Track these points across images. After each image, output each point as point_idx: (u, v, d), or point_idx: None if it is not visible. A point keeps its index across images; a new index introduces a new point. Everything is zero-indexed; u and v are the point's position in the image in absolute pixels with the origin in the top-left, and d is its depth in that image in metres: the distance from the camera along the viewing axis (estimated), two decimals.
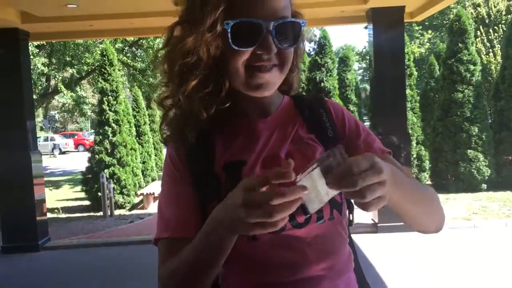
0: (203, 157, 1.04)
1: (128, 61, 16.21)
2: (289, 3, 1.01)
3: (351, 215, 1.10)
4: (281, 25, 0.96)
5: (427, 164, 10.52)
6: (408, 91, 9.83)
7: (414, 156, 10.14)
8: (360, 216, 5.19)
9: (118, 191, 10.72)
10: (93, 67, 15.97)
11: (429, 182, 10.81)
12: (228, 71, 1.00)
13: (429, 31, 25.29)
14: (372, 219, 6.93)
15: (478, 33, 16.58)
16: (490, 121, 11.12)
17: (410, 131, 9.10)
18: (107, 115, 10.80)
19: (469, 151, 10.01)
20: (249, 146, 1.05)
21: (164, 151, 16.70)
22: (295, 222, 0.99)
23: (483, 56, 15.91)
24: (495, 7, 17.35)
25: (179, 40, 1.00)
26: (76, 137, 34.88)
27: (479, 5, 17.60)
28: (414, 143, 10.19)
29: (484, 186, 10.07)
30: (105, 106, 10.85)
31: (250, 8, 0.94)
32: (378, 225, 6.69)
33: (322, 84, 10.50)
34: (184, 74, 1.00)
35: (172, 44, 1.02)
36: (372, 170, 0.75)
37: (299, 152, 1.05)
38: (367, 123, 13.11)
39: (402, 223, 1.03)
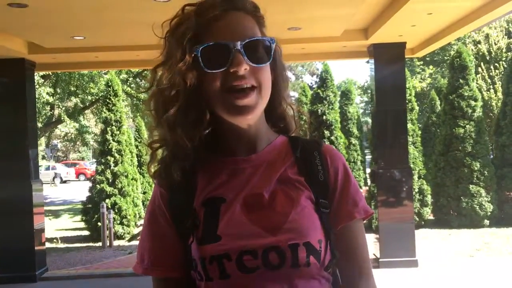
0: (184, 194, 1.05)
1: (132, 91, 16.36)
2: (256, 24, 1.04)
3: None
4: (250, 43, 0.98)
5: (429, 199, 10.46)
6: (409, 125, 9.87)
7: (416, 190, 10.08)
8: None
9: (118, 221, 10.65)
10: (97, 97, 16.11)
11: (431, 217, 10.73)
12: (208, 98, 1.01)
13: (431, 66, 25.55)
14: (374, 254, 6.85)
15: (479, 69, 16.74)
16: (491, 156, 11.12)
17: (411, 165, 9.08)
18: (110, 145, 10.84)
19: (471, 186, 9.97)
20: (230, 183, 1.05)
21: None
22: (269, 264, 0.97)
23: (484, 92, 16.02)
24: (495, 44, 17.57)
25: (159, 79, 1.03)
26: (77, 166, 34.87)
27: (479, 42, 17.83)
28: (416, 177, 10.15)
29: (487, 222, 9.98)
30: (108, 136, 10.90)
31: (217, 32, 0.98)
32: (380, 260, 6.60)
33: (324, 117, 10.55)
34: (166, 107, 1.02)
35: (154, 85, 1.05)
36: None
37: (283, 193, 1.03)
38: (368, 157, 13.12)
39: (404, 259, 1.03)
